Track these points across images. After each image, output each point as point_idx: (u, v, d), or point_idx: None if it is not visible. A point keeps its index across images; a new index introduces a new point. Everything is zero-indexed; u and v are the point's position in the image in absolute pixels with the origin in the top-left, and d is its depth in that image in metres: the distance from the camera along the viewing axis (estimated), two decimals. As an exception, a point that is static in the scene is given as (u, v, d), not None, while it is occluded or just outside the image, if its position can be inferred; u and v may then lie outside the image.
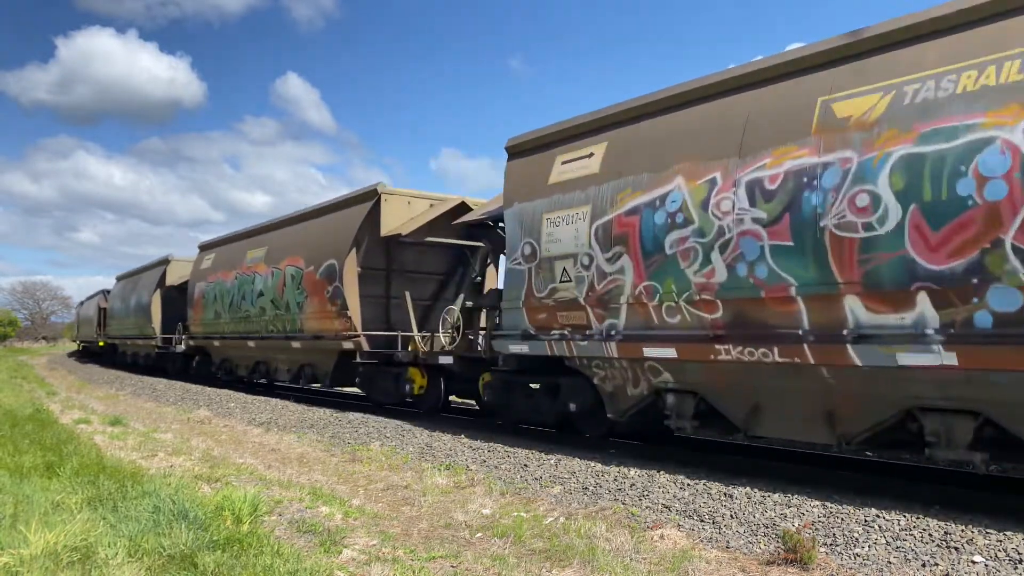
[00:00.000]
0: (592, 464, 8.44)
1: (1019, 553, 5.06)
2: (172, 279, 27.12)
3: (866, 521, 5.86)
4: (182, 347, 24.15)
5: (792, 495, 6.73)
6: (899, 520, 5.83)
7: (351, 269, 14.69)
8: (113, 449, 10.20)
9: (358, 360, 14.71)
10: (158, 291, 27.29)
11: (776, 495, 6.74)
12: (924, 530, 5.59)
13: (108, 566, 4.54)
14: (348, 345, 14.69)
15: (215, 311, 20.48)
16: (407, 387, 13.39)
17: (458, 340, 12.34)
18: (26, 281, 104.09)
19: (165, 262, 27.55)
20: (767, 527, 5.96)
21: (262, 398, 17.42)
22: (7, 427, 10.97)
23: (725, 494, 6.89)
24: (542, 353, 9.73)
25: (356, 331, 14.47)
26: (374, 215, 14.52)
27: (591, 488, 7.47)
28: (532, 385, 10.78)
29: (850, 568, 5.09)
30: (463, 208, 14.59)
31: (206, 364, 22.97)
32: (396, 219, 14.49)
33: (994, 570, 4.89)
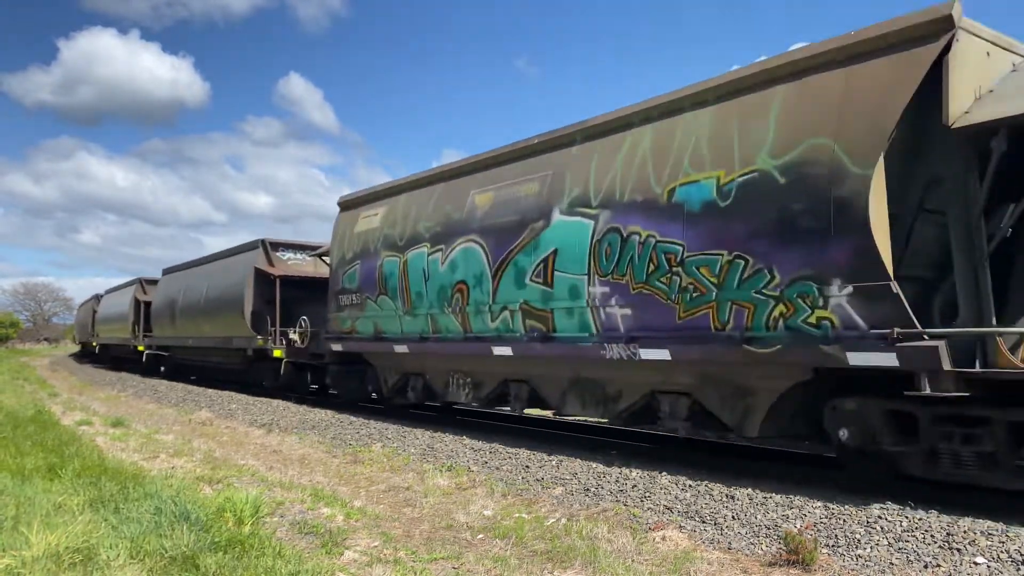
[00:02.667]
0: (594, 465, 8.43)
1: (1021, 554, 5.05)
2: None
3: (868, 522, 5.86)
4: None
5: (794, 496, 6.72)
6: (901, 521, 5.82)
7: None
8: (115, 450, 10.21)
9: None
10: None
11: (778, 496, 6.73)
12: (926, 531, 5.58)
13: (110, 567, 4.54)
14: None
15: None
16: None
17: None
18: (27, 282, 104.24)
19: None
20: (769, 528, 5.96)
21: (263, 399, 17.42)
22: (9, 429, 10.98)
23: (727, 495, 6.89)
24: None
25: None
26: None
27: (593, 489, 7.47)
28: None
29: (852, 569, 5.08)
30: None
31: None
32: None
33: (996, 571, 4.88)
